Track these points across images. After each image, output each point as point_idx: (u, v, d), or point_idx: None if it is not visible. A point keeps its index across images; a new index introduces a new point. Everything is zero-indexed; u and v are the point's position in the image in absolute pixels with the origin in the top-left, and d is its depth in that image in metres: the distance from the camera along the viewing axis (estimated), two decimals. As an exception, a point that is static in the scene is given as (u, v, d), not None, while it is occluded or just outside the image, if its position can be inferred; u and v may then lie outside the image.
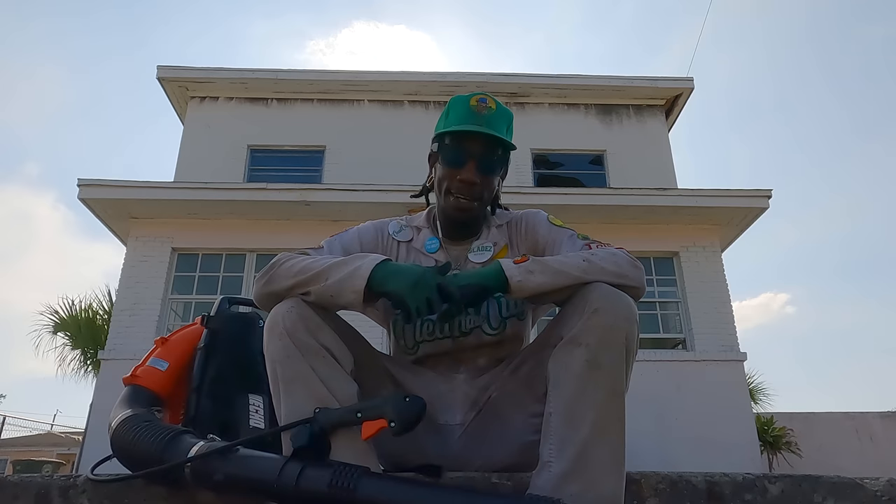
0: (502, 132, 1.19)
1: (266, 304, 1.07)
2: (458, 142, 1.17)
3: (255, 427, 1.46)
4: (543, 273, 1.01)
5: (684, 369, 6.45)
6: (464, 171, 1.17)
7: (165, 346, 1.50)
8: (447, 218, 1.26)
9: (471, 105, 1.18)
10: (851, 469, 4.90)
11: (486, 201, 1.23)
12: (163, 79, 8.59)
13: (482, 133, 1.16)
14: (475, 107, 1.18)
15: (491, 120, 1.17)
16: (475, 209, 1.21)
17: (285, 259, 1.08)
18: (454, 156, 1.18)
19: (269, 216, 6.84)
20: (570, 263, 1.02)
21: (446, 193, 1.21)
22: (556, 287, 1.01)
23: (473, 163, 1.17)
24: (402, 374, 1.17)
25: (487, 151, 1.17)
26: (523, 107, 8.90)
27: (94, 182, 6.63)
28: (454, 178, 1.18)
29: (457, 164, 1.18)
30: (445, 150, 1.19)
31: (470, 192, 1.18)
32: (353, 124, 8.60)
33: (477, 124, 1.16)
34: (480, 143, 1.17)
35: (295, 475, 0.84)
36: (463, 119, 1.17)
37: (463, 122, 1.17)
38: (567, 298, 1.02)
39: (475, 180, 1.17)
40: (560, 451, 0.92)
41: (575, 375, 0.94)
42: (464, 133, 1.17)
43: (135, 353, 5.42)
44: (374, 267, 1.01)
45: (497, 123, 1.18)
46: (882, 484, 1.04)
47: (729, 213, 6.98)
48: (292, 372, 0.97)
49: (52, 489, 1.01)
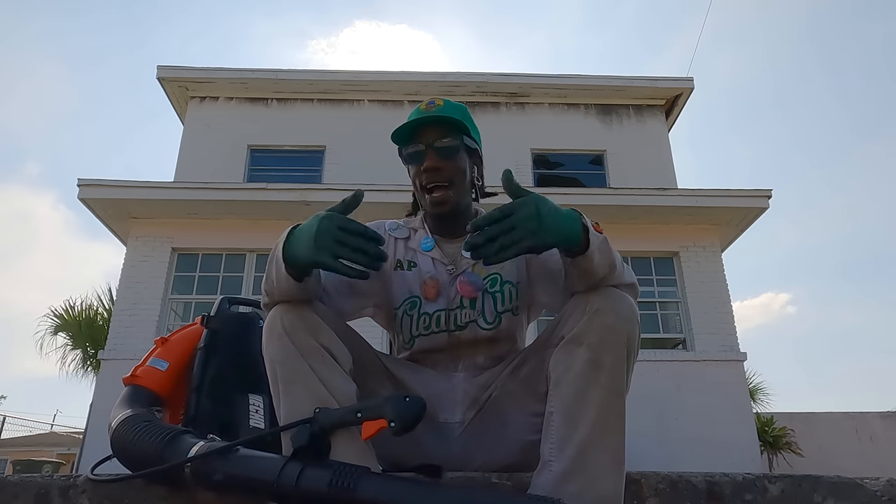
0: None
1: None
2: (413, 139, 1.21)
3: (255, 427, 1.46)
4: (602, 257, 0.96)
5: (684, 369, 6.45)
6: (426, 161, 1.20)
7: (165, 346, 1.50)
8: (433, 218, 1.28)
9: (420, 109, 1.22)
10: (851, 469, 4.91)
11: (461, 186, 1.23)
12: (163, 79, 8.59)
13: (427, 119, 1.18)
14: (424, 108, 1.21)
15: (439, 111, 1.20)
16: (451, 198, 1.21)
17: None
18: (413, 152, 1.21)
19: (269, 216, 6.84)
20: (618, 261, 1.01)
21: (422, 192, 1.23)
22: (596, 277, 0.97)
23: (431, 151, 1.19)
24: (401, 373, 1.17)
25: (441, 136, 1.19)
26: (523, 107, 8.91)
27: (94, 182, 6.63)
28: (420, 173, 1.21)
29: (417, 158, 1.21)
30: (405, 151, 1.23)
31: (437, 178, 1.20)
32: (353, 124, 8.60)
33: (421, 117, 1.19)
34: (432, 133, 1.19)
35: (295, 475, 0.84)
36: (408, 121, 1.21)
37: (408, 122, 1.21)
38: (564, 302, 1.02)
39: (438, 164, 1.19)
40: (560, 450, 0.92)
41: (576, 375, 0.95)
42: (411, 128, 1.19)
43: (135, 353, 5.42)
44: (282, 246, 0.95)
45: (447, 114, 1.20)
46: (882, 484, 1.04)
47: (729, 213, 6.98)
48: (291, 372, 0.97)
49: (52, 489, 1.01)
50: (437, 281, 1.21)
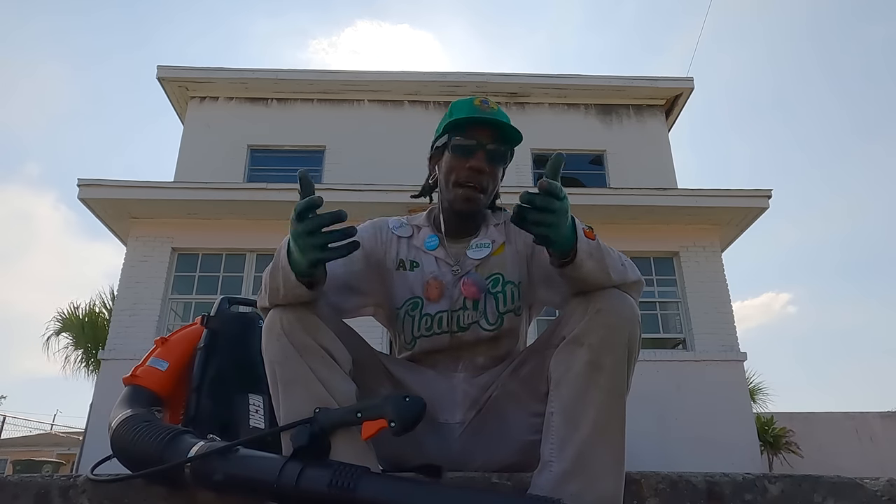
0: None
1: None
2: (468, 131, 1.20)
3: (255, 427, 1.46)
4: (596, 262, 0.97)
5: (684, 369, 6.45)
6: (474, 159, 1.19)
7: (165, 346, 1.50)
8: (453, 213, 1.26)
9: (475, 105, 1.21)
10: (851, 469, 4.90)
11: (490, 195, 1.25)
12: (163, 79, 8.59)
13: (493, 122, 1.19)
14: (479, 106, 1.21)
15: (497, 115, 1.21)
16: (481, 201, 1.22)
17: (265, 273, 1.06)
18: (465, 144, 1.20)
19: (269, 216, 6.84)
20: (614, 264, 1.01)
21: (454, 185, 1.21)
22: (592, 282, 0.98)
23: (483, 152, 1.19)
24: (400, 374, 1.17)
25: (496, 142, 1.20)
26: (523, 107, 8.91)
27: (94, 182, 6.64)
28: (463, 168, 1.20)
29: (467, 152, 1.19)
30: (455, 140, 1.21)
31: (479, 179, 1.20)
32: (353, 124, 8.60)
33: (486, 116, 1.19)
34: (489, 134, 1.20)
35: (295, 475, 0.84)
36: (470, 114, 1.20)
37: (471, 115, 1.20)
38: (565, 302, 1.03)
39: (485, 168, 1.19)
40: (560, 450, 0.92)
41: (576, 375, 0.95)
42: (475, 122, 1.19)
43: (135, 353, 5.42)
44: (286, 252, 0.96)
45: (503, 118, 1.21)
46: (882, 484, 1.04)
47: (729, 213, 6.98)
48: (291, 372, 0.97)
49: (52, 489, 1.01)
50: (440, 282, 1.20)
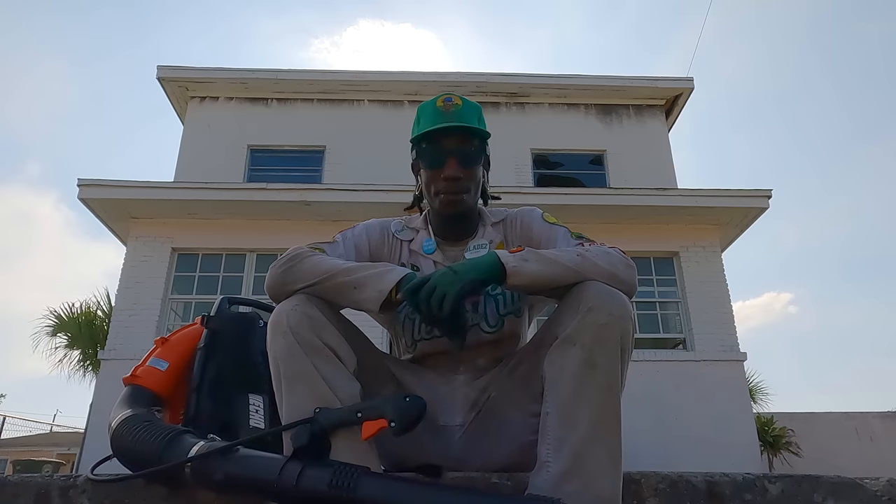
0: (474, 123, 1.21)
1: (279, 296, 1.07)
2: (434, 142, 1.20)
3: (255, 427, 1.46)
4: (539, 262, 1.02)
5: (684, 369, 6.45)
6: (445, 168, 1.19)
7: (165, 346, 1.50)
8: (442, 219, 1.27)
9: (437, 106, 1.22)
10: (851, 469, 4.90)
11: (475, 193, 1.25)
12: (163, 79, 8.59)
13: (454, 127, 1.19)
14: (442, 107, 1.21)
15: (460, 115, 1.20)
16: (464, 202, 1.23)
17: (307, 255, 1.09)
18: (433, 157, 1.21)
19: (269, 216, 6.84)
20: (565, 256, 1.04)
21: (435, 195, 1.23)
22: (551, 276, 1.01)
23: (453, 159, 1.19)
24: (403, 375, 1.17)
25: (464, 144, 1.20)
26: (523, 107, 8.90)
27: (94, 182, 6.63)
28: (438, 179, 1.21)
29: (437, 164, 1.20)
30: (424, 153, 1.22)
31: (456, 187, 1.20)
32: (353, 124, 8.60)
33: (447, 121, 1.19)
34: (455, 139, 1.20)
35: (295, 475, 0.84)
36: (433, 121, 1.20)
37: (434, 123, 1.20)
38: (561, 295, 1.02)
39: (458, 175, 1.20)
40: (557, 450, 0.92)
41: (570, 375, 0.94)
42: (437, 132, 1.19)
43: (135, 353, 5.43)
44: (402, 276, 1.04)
45: (467, 117, 1.21)
46: (882, 484, 1.04)
47: (729, 213, 6.98)
48: (295, 370, 0.97)
49: (52, 489, 1.01)
50: None
